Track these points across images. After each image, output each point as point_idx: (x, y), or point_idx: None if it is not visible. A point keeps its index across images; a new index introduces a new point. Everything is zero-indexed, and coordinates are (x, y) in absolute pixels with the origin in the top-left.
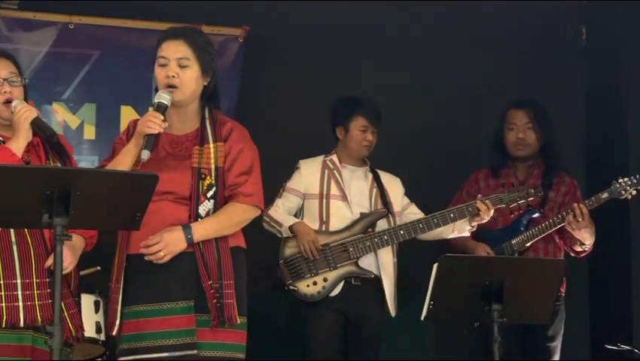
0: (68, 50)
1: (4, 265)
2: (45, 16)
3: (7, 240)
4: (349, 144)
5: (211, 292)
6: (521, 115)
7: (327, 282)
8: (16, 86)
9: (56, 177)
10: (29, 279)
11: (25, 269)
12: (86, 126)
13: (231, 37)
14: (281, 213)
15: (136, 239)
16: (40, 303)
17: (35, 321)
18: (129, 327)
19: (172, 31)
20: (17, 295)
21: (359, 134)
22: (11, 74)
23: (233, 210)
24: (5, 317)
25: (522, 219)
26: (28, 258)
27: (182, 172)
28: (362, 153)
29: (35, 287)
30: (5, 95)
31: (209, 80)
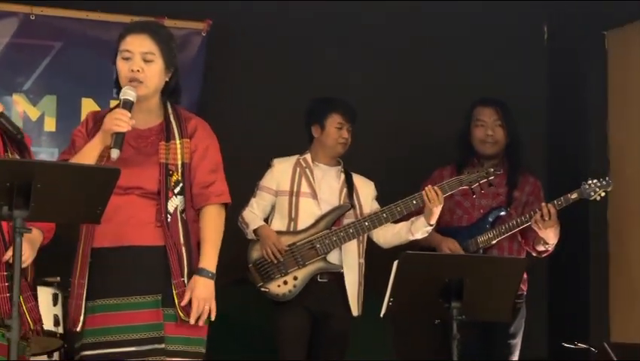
0: (29, 41)
1: None
2: (6, 6)
3: None
4: (325, 142)
5: (181, 288)
6: (489, 112)
7: (297, 280)
8: None
9: (17, 170)
10: None
11: None
12: (46, 118)
13: (194, 32)
14: (251, 214)
15: (103, 233)
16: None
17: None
18: (93, 321)
19: (136, 24)
20: None
21: (335, 131)
22: None
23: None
24: None
25: (488, 217)
26: None
27: (149, 168)
28: (338, 151)
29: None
30: None
31: (171, 75)
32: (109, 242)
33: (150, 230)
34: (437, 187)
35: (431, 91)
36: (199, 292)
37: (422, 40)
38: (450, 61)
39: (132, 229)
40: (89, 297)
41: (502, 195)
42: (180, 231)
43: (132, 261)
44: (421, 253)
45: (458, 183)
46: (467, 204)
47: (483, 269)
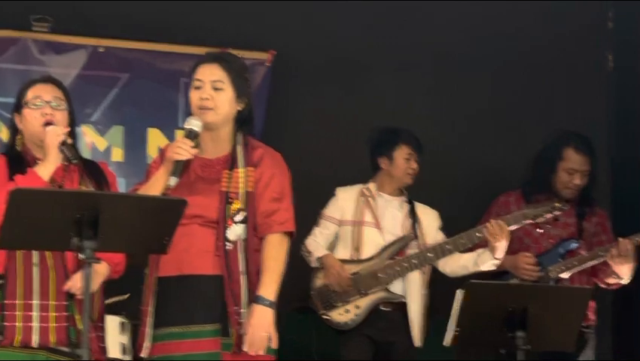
0: (98, 73)
1: (24, 286)
2: (76, 39)
3: (29, 261)
4: (394, 173)
5: (236, 317)
6: (582, 161)
7: (359, 309)
8: (59, 110)
9: (86, 201)
10: (46, 301)
11: (43, 291)
12: (114, 149)
13: (258, 62)
14: (314, 243)
15: (166, 262)
16: (55, 325)
17: (48, 342)
18: (158, 349)
19: (208, 55)
20: (32, 315)
21: (404, 162)
22: (55, 98)
23: (278, 248)
24: (19, 336)
25: (559, 248)
26: (48, 280)
27: (211, 196)
28: (406, 182)
29: (51, 309)
30: (45, 117)
31: (244, 105)
32: (171, 271)
33: (209, 259)
34: (501, 221)
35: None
36: (255, 320)
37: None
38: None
39: (192, 258)
40: (155, 325)
41: (572, 226)
42: (240, 259)
43: (192, 290)
44: (485, 283)
45: (522, 218)
46: (536, 233)
47: (547, 298)
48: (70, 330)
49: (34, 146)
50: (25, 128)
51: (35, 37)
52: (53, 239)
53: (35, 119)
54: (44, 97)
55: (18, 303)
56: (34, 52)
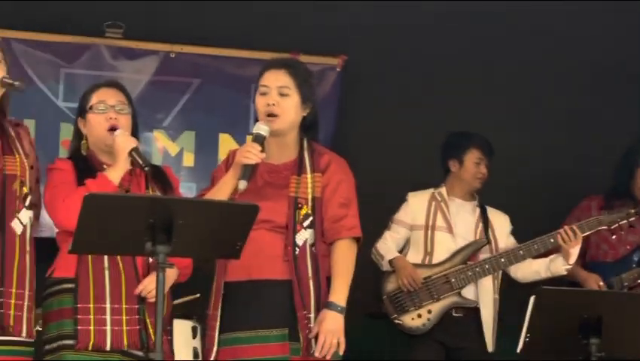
0: (169, 79)
1: (95, 290)
2: (148, 45)
3: (100, 265)
4: (463, 177)
5: (305, 322)
6: None
7: (431, 314)
8: (123, 114)
9: (160, 207)
10: (119, 304)
11: (115, 294)
12: (185, 154)
13: (328, 67)
14: (385, 246)
15: (234, 267)
16: (127, 328)
17: (121, 345)
18: (226, 353)
19: (274, 61)
20: (106, 319)
21: (473, 166)
22: (119, 103)
23: (347, 253)
24: (93, 339)
25: (634, 255)
26: (119, 284)
27: (279, 201)
28: (475, 186)
29: (123, 312)
30: (110, 121)
31: (309, 111)
32: (239, 276)
33: (278, 264)
34: (576, 227)
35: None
36: (326, 325)
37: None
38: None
39: (260, 263)
40: (222, 329)
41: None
42: (308, 264)
43: (261, 294)
44: (558, 289)
45: (597, 224)
46: (613, 239)
47: (621, 306)
48: (142, 333)
49: (98, 150)
50: (90, 132)
51: (108, 43)
52: (127, 244)
53: (99, 124)
54: (108, 101)
55: (91, 307)
56: (107, 57)
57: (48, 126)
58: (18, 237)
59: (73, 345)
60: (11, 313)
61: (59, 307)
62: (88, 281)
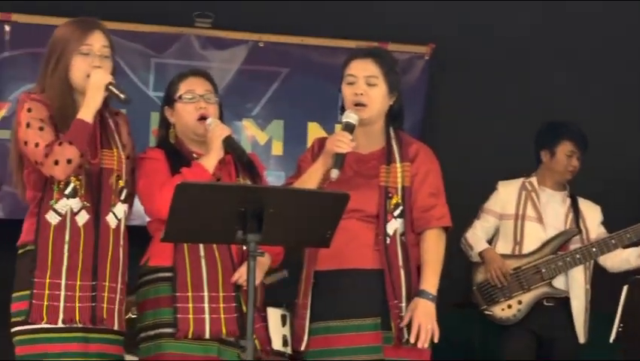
0: (258, 68)
1: (193, 279)
2: (236, 34)
3: (196, 254)
4: (554, 168)
5: (396, 311)
6: None
7: (521, 304)
8: (211, 104)
9: (250, 195)
10: (216, 292)
11: (212, 283)
12: (274, 142)
13: (416, 55)
14: (475, 236)
15: (324, 256)
16: (225, 316)
17: (220, 333)
18: (317, 342)
19: (360, 50)
20: (204, 307)
21: (565, 158)
22: (207, 92)
23: (437, 243)
24: (192, 328)
25: None
26: (216, 272)
27: (369, 191)
28: (566, 178)
29: (221, 301)
30: (200, 110)
31: (394, 99)
32: (330, 265)
33: (368, 253)
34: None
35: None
36: (419, 313)
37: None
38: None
39: (351, 252)
40: (312, 318)
41: None
42: (399, 254)
43: (351, 284)
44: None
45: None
46: None
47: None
48: (239, 321)
49: (187, 139)
50: (179, 121)
51: (198, 33)
52: (218, 233)
53: (189, 113)
54: (197, 91)
55: (189, 295)
56: (196, 47)
57: (139, 115)
58: (112, 231)
59: (172, 333)
60: (104, 307)
61: (156, 296)
62: (185, 270)
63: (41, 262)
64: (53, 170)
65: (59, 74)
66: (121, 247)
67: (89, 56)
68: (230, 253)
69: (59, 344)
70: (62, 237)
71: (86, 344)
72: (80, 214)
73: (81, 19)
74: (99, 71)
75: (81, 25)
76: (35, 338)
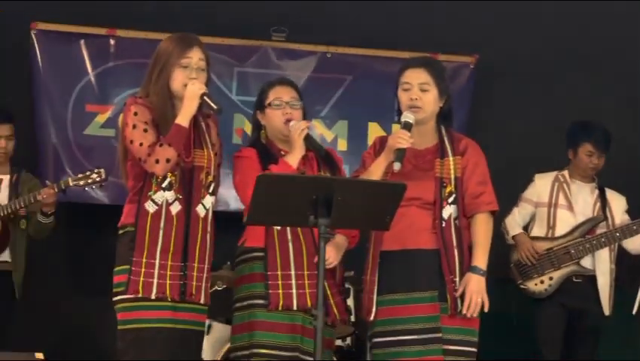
0: (326, 76)
1: (282, 259)
2: (308, 46)
3: (285, 237)
4: (578, 165)
5: (451, 285)
6: None
7: (552, 280)
8: (296, 109)
9: (321, 185)
10: (301, 271)
11: (298, 263)
12: (339, 140)
13: (463, 64)
14: (512, 221)
15: (389, 238)
16: (310, 291)
17: (305, 306)
18: (383, 313)
19: (413, 60)
20: (291, 283)
21: (585, 157)
22: (292, 99)
23: (486, 225)
24: (281, 301)
25: None
26: (301, 253)
27: (427, 181)
28: (588, 174)
29: (305, 278)
30: (286, 115)
31: (444, 101)
32: (395, 246)
33: (427, 235)
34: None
35: None
36: (471, 286)
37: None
38: None
39: (412, 235)
40: (379, 292)
41: None
42: (453, 235)
43: (412, 262)
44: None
45: None
46: None
47: None
48: None
49: (277, 140)
50: (269, 125)
51: (274, 45)
52: (293, 217)
53: (277, 117)
54: (283, 98)
55: (279, 274)
56: (273, 58)
57: (223, 116)
58: (201, 219)
59: (264, 305)
60: (193, 284)
61: (250, 272)
62: (275, 252)
63: (139, 244)
64: (154, 167)
65: (161, 83)
66: (208, 233)
67: (187, 68)
68: (313, 237)
69: (152, 311)
70: (158, 223)
71: (175, 312)
72: (174, 205)
73: (183, 35)
74: (195, 82)
75: (182, 41)
76: (132, 306)
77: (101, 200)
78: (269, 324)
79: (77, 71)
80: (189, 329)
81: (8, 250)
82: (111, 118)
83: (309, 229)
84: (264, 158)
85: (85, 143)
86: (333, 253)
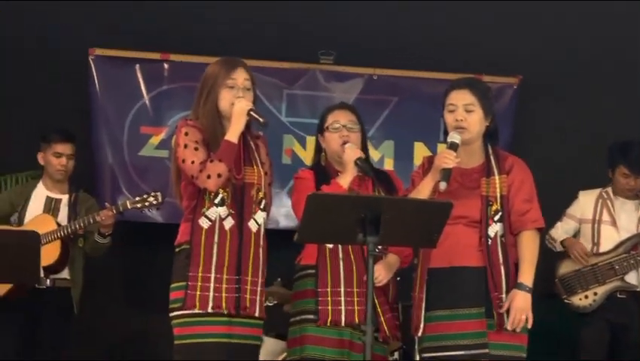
0: (373, 97)
1: (332, 276)
2: (354, 69)
3: (336, 256)
4: (615, 185)
5: (497, 302)
6: None
7: (597, 296)
8: (353, 132)
9: (369, 204)
10: (351, 288)
11: (348, 280)
12: (386, 159)
13: (507, 85)
14: (557, 233)
15: (436, 255)
16: (358, 308)
17: (353, 321)
18: (430, 328)
19: (459, 82)
20: (340, 300)
21: (621, 179)
22: (349, 122)
23: (532, 242)
24: (330, 317)
25: None
26: (351, 271)
27: (473, 200)
28: (626, 195)
29: (354, 295)
30: (342, 137)
31: (490, 121)
32: (442, 263)
33: (474, 253)
34: None
35: None
36: (517, 302)
37: None
38: None
39: (459, 252)
40: (426, 308)
41: None
42: (499, 253)
43: (459, 279)
44: None
45: None
46: None
47: None
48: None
49: (334, 161)
50: (327, 147)
51: (322, 68)
52: (342, 235)
53: (334, 140)
54: (340, 121)
55: (328, 290)
56: (320, 80)
57: (273, 137)
58: (253, 234)
59: (314, 320)
60: (247, 298)
61: (304, 289)
62: (326, 269)
63: (194, 259)
64: (207, 183)
65: (210, 104)
66: (261, 247)
67: (234, 88)
68: (364, 256)
69: (208, 326)
70: (212, 238)
71: (231, 326)
72: (226, 220)
73: (227, 59)
74: (241, 100)
75: (227, 64)
76: (189, 321)
77: (155, 219)
78: (319, 338)
79: (132, 95)
80: (245, 343)
81: (67, 268)
82: (165, 139)
83: (360, 248)
84: (320, 179)
85: (140, 163)
86: (383, 272)
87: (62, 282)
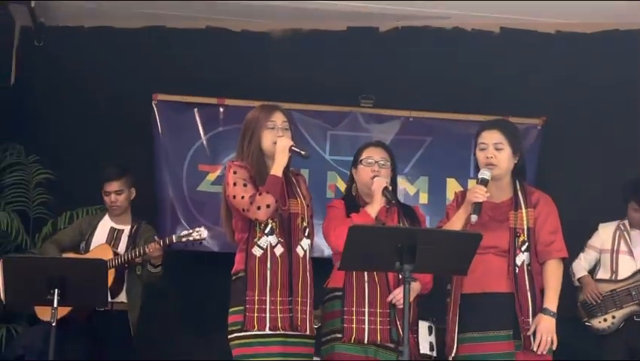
0: (408, 137)
1: (357, 297)
2: (392, 112)
3: (361, 279)
4: (629, 218)
5: (524, 325)
6: None
7: (615, 318)
8: (384, 168)
9: (406, 235)
10: (374, 308)
11: (372, 301)
12: (420, 194)
13: (532, 126)
14: (578, 265)
15: (469, 282)
16: (380, 327)
17: (375, 339)
18: (463, 349)
19: (489, 122)
20: (364, 319)
21: (633, 213)
22: (382, 158)
23: (557, 270)
24: (354, 334)
25: None
26: (375, 293)
27: (502, 231)
28: (637, 228)
29: (377, 315)
30: (374, 172)
31: (518, 158)
32: (474, 289)
33: (502, 280)
34: None
35: None
36: (542, 326)
37: None
38: None
39: (489, 279)
40: (459, 331)
41: None
42: (526, 280)
43: (490, 304)
44: None
45: None
46: None
47: None
48: (392, 331)
49: (363, 193)
50: (359, 179)
51: (362, 110)
52: (380, 263)
53: (366, 173)
54: (374, 157)
55: (353, 310)
56: (361, 122)
57: (318, 174)
58: (301, 259)
59: (340, 338)
60: (299, 317)
61: (332, 310)
62: (352, 291)
63: (250, 284)
64: (257, 214)
65: (254, 145)
66: (308, 271)
67: (274, 129)
68: (387, 279)
69: (265, 346)
70: (265, 265)
71: (285, 346)
72: (277, 247)
73: (266, 105)
74: (282, 139)
75: (266, 108)
76: (248, 342)
77: (211, 248)
78: (346, 355)
79: (191, 136)
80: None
81: (125, 293)
82: (220, 176)
83: (384, 273)
84: (350, 208)
85: (197, 198)
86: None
87: (119, 305)
